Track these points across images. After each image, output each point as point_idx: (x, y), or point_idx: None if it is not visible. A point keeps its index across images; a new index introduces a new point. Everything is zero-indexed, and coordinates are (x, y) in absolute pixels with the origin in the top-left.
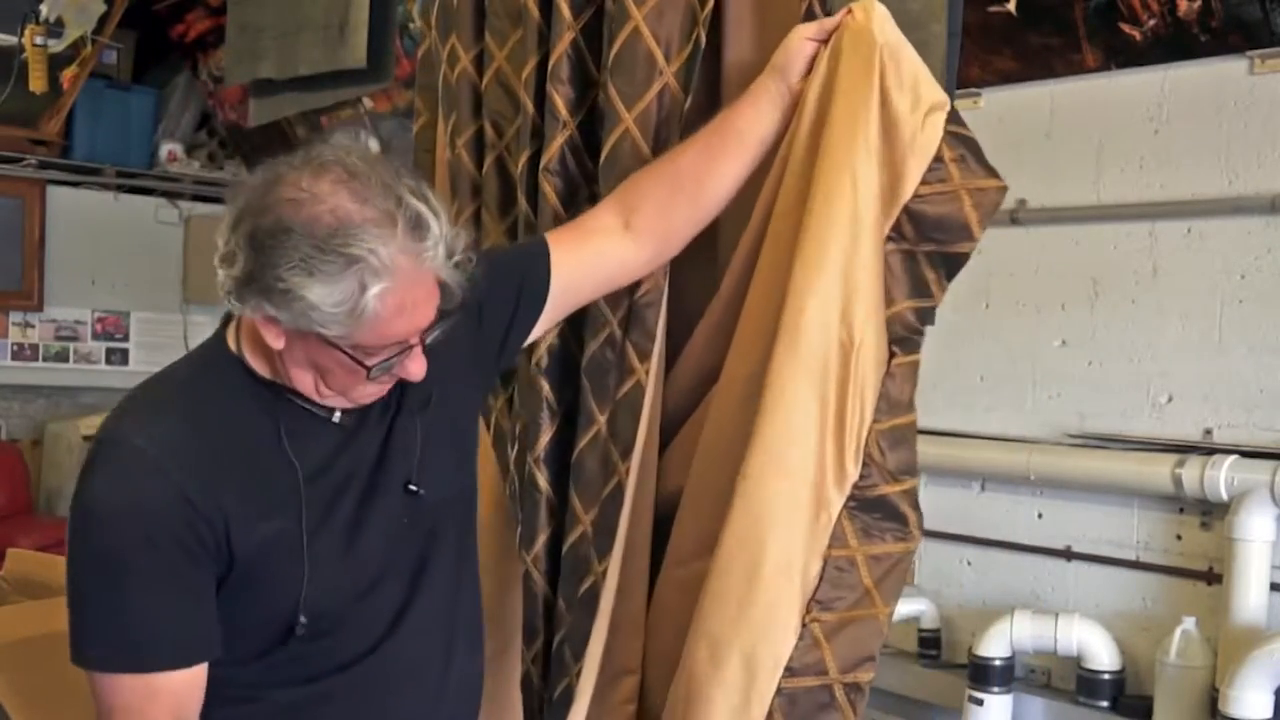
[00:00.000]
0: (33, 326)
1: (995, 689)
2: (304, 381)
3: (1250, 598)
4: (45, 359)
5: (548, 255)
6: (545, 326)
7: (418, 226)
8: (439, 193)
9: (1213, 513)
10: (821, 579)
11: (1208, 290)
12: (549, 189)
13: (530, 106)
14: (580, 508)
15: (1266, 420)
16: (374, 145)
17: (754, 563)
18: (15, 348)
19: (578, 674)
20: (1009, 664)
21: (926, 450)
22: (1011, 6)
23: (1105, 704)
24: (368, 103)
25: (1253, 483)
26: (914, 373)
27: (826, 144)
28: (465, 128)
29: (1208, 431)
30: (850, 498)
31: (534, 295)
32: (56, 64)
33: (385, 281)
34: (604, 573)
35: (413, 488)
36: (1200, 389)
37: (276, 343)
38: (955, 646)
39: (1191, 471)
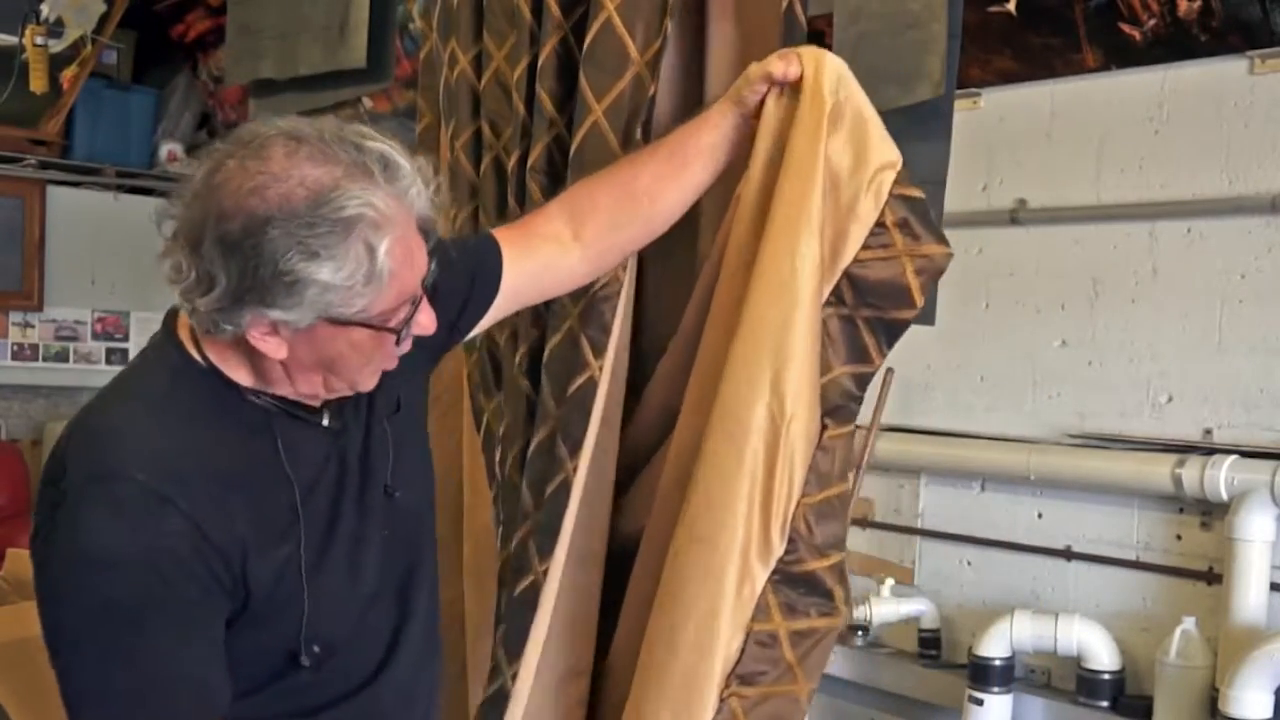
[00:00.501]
0: (33, 326)
1: (995, 689)
2: (311, 383)
3: (1250, 598)
4: (45, 359)
5: (499, 255)
6: (485, 326)
7: (389, 166)
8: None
9: (1213, 513)
10: (743, 653)
11: (1208, 290)
12: (535, 189)
13: (521, 107)
14: (530, 504)
15: (1266, 420)
16: None
17: (674, 632)
18: (15, 348)
19: (513, 676)
20: (1009, 664)
21: (926, 450)
22: (1011, 6)
23: (1105, 704)
24: (368, 103)
25: (1253, 483)
26: (848, 443)
27: (774, 212)
28: (464, 129)
29: (1208, 431)
30: (775, 572)
31: (485, 292)
32: (56, 64)
33: (389, 232)
34: (544, 573)
35: (392, 491)
36: (1200, 389)
37: (279, 352)
38: (955, 646)
39: (1191, 471)
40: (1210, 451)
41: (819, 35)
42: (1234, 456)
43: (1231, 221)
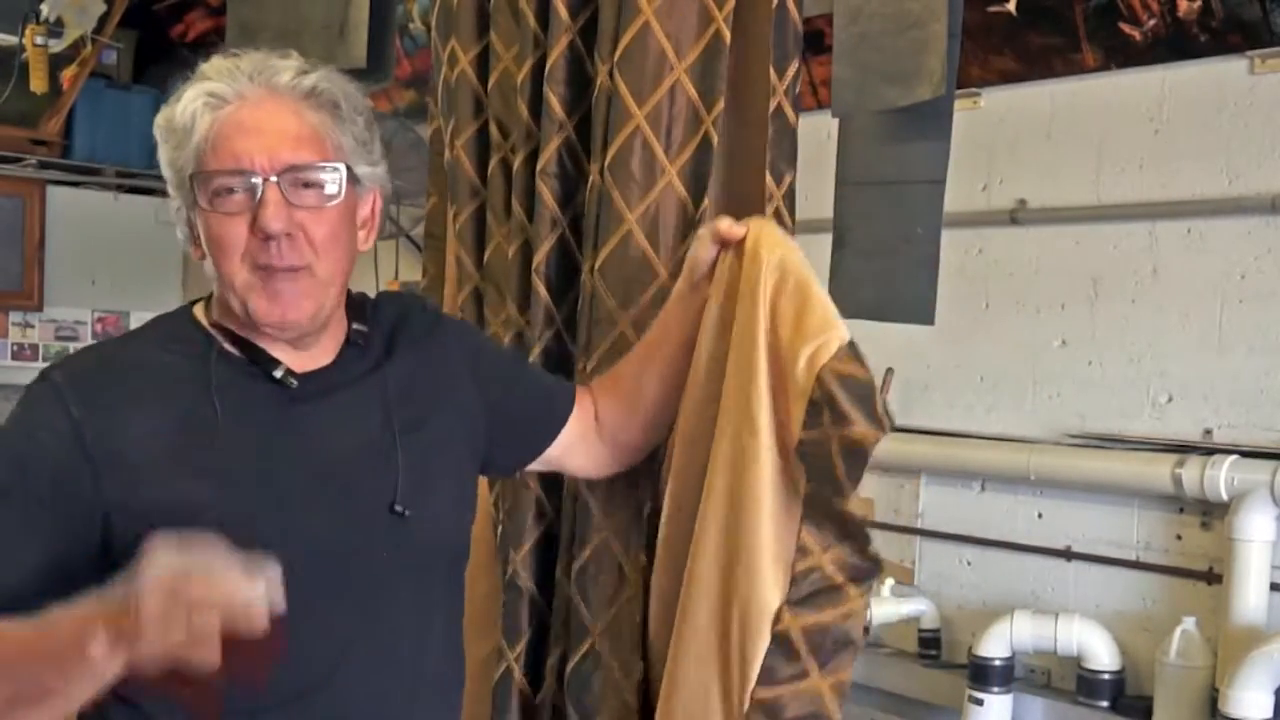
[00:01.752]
0: (33, 326)
1: (995, 689)
2: (231, 275)
3: (1250, 598)
4: (45, 359)
5: (571, 405)
6: (536, 468)
7: (269, 55)
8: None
9: (1213, 513)
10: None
11: (1208, 290)
12: (546, 191)
13: (525, 110)
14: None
15: (1266, 420)
16: None
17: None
18: (15, 348)
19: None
20: (1009, 664)
21: (926, 450)
22: (1011, 6)
23: (1105, 704)
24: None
25: (1253, 483)
26: (824, 633)
27: (725, 387)
28: (464, 129)
29: (1208, 431)
30: None
31: (548, 424)
32: (56, 64)
33: (215, 83)
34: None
35: (398, 508)
36: (1200, 389)
37: (195, 250)
38: (955, 646)
39: (1191, 471)
40: (1210, 451)
41: (819, 35)
42: (1234, 456)
43: (1231, 221)
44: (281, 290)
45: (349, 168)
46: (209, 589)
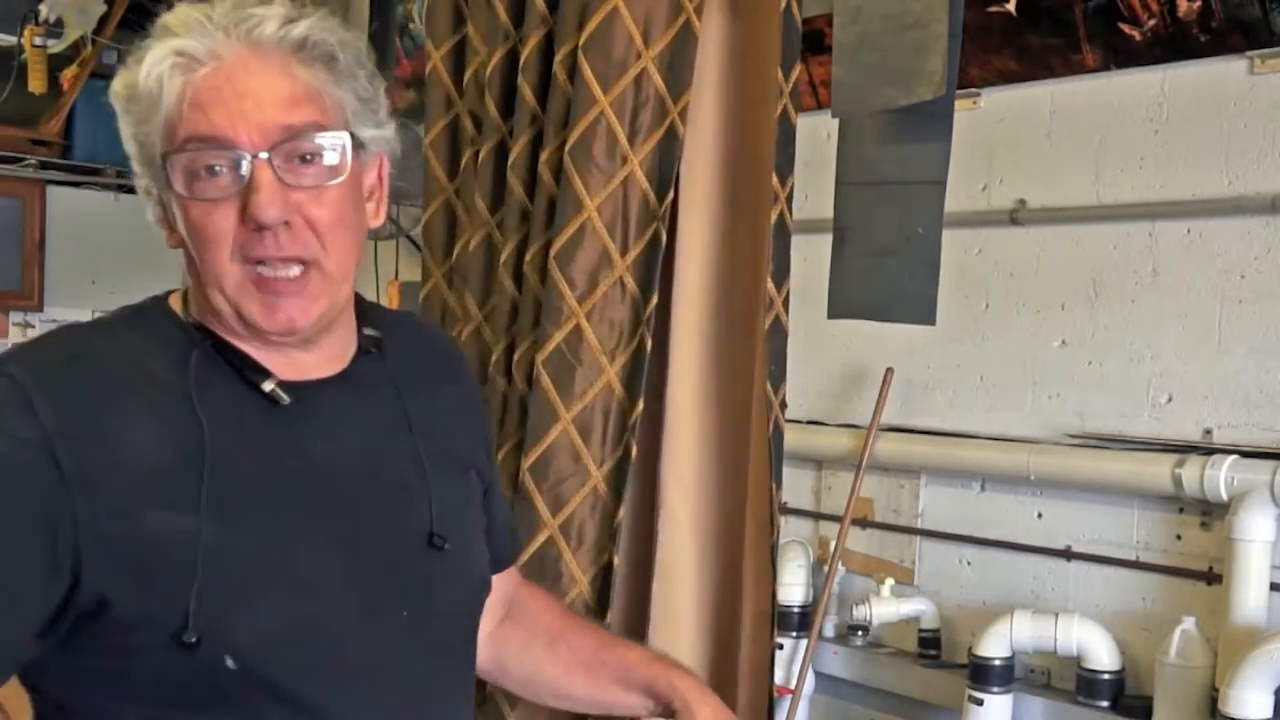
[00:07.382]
0: (33, 326)
1: (995, 689)
2: (219, 274)
3: (1250, 598)
4: None
5: (496, 565)
6: None
7: (244, 1)
8: None
9: (1213, 513)
10: None
11: (1208, 290)
12: (517, 184)
13: (491, 103)
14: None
15: (1266, 420)
16: None
17: None
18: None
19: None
20: (1009, 664)
21: (926, 450)
22: (1011, 6)
23: (1105, 704)
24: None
25: (1253, 483)
26: None
27: None
28: (434, 125)
29: (1208, 431)
30: None
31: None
32: (56, 64)
33: (184, 40)
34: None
35: (437, 540)
36: (1200, 389)
37: (168, 236)
38: (955, 646)
39: (1191, 471)
40: (1210, 451)
41: (819, 35)
42: (1234, 456)
43: (1231, 221)
44: (282, 293)
45: (352, 134)
46: None
